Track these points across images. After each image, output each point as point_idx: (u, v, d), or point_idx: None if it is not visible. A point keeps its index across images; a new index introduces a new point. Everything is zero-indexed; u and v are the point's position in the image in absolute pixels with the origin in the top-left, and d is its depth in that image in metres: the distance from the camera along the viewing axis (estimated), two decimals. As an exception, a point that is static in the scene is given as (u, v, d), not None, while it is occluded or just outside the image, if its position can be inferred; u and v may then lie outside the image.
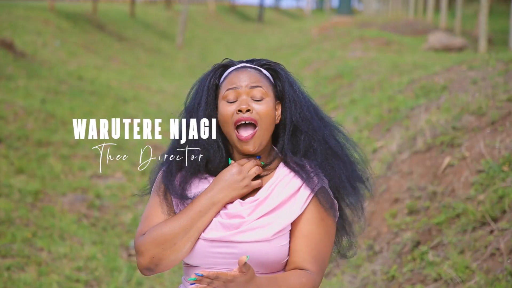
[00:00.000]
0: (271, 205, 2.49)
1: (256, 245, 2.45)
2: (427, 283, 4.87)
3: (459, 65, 8.79)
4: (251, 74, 2.54)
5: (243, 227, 2.46)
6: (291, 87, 2.61)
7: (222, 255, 2.47)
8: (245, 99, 2.49)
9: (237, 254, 2.45)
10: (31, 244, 6.03)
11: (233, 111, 2.48)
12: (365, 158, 2.72)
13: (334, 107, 10.66)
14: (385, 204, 6.11)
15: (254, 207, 2.49)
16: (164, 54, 20.01)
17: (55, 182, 7.47)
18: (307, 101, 2.63)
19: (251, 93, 2.51)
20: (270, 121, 2.52)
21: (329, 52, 16.91)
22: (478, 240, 4.88)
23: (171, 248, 2.45)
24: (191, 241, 2.45)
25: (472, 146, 5.83)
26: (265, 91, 2.52)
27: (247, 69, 2.56)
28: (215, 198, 2.46)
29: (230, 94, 2.50)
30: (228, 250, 2.46)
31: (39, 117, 9.21)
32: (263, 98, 2.51)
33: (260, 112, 2.49)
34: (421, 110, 7.45)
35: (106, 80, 13.69)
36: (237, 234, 2.46)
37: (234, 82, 2.51)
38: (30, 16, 16.48)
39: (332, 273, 5.74)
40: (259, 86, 2.52)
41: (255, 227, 2.46)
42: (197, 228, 2.45)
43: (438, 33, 16.75)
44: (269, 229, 2.45)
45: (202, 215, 2.45)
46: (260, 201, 2.49)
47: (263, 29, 33.63)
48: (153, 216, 2.54)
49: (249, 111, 2.48)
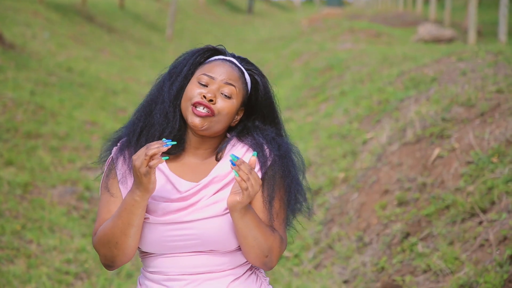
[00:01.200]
0: (224, 181, 2.52)
1: (209, 221, 2.47)
2: (416, 274, 4.88)
3: (448, 56, 8.80)
4: (232, 71, 2.56)
5: (196, 206, 2.49)
6: (265, 102, 2.63)
7: (180, 237, 2.48)
8: (213, 89, 2.51)
9: (194, 235, 2.47)
10: (21, 237, 6.01)
11: (198, 93, 2.51)
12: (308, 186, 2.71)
13: (324, 99, 10.66)
14: (375, 195, 6.12)
15: (207, 184, 2.51)
16: (153, 46, 19.96)
17: (45, 174, 7.45)
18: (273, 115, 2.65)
19: (222, 87, 2.53)
20: (227, 120, 2.55)
21: (319, 44, 16.91)
22: (467, 231, 4.90)
23: (116, 247, 2.47)
24: (131, 237, 2.46)
25: (461, 137, 5.84)
26: (236, 92, 2.54)
27: (232, 65, 2.58)
28: (135, 194, 2.42)
29: (203, 79, 2.53)
30: (185, 232, 2.48)
31: (28, 108, 9.17)
32: (231, 97, 2.54)
33: (220, 108, 2.51)
34: (410, 102, 7.46)
35: (96, 72, 13.65)
36: (190, 214, 2.48)
37: (212, 71, 2.54)
38: (19, 8, 16.40)
39: (322, 265, 5.76)
40: (232, 85, 2.54)
41: (208, 204, 2.49)
42: (131, 225, 2.44)
43: (427, 24, 16.76)
44: (221, 205, 2.49)
45: (129, 212, 2.43)
46: (212, 179, 2.52)
47: (253, 21, 33.59)
48: (102, 212, 2.55)
49: (211, 101, 2.50)
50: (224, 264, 2.54)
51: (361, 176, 6.65)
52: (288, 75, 14.42)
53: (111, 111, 10.91)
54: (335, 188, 6.89)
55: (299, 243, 6.11)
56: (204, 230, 2.47)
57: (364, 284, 5.17)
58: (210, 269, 2.52)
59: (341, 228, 6.08)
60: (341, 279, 5.40)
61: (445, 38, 15.64)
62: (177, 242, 2.49)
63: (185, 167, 2.57)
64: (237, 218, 2.42)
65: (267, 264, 2.52)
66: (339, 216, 6.30)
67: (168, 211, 2.49)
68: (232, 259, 2.54)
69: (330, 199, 6.70)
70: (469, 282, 4.45)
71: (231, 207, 2.41)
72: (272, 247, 2.49)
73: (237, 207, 2.40)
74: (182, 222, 2.48)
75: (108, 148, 2.66)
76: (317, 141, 8.43)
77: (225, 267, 2.54)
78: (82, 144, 8.69)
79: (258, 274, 2.64)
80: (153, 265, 2.56)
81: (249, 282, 2.58)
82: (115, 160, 2.58)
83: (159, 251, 2.52)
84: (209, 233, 2.47)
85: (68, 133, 8.84)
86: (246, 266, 2.60)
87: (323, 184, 7.02)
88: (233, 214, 2.42)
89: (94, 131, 9.42)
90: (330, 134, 8.40)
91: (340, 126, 8.54)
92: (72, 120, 9.47)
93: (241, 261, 2.57)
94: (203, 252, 2.51)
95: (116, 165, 2.57)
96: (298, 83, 12.97)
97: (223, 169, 2.53)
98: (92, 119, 9.91)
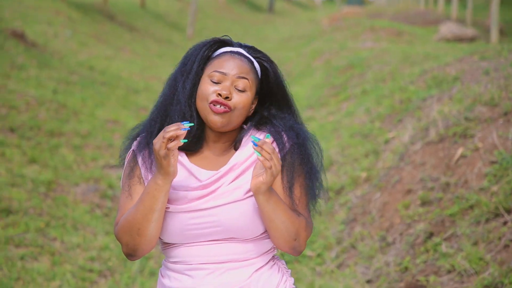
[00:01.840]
0: (242, 167, 2.53)
1: (229, 207, 2.48)
2: (440, 274, 4.87)
3: (471, 55, 8.76)
4: (242, 64, 2.57)
5: (216, 192, 2.50)
6: (277, 87, 2.65)
7: (201, 225, 2.49)
8: (228, 86, 2.53)
9: (215, 222, 2.48)
10: (44, 234, 6.05)
11: (213, 91, 2.52)
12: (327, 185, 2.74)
13: (346, 97, 10.64)
14: (398, 195, 6.10)
15: (226, 172, 2.52)
16: (174, 45, 20.00)
17: (68, 172, 7.49)
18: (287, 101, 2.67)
19: (236, 82, 2.54)
20: (244, 112, 2.56)
21: (340, 43, 16.88)
22: (492, 231, 4.87)
23: (138, 233, 2.48)
24: (153, 222, 2.47)
25: (485, 137, 5.82)
26: (249, 85, 2.56)
27: (241, 57, 2.59)
28: (157, 178, 2.44)
29: (215, 76, 2.54)
30: (206, 219, 2.49)
31: (50, 107, 9.22)
32: (245, 90, 2.55)
33: (236, 102, 2.53)
34: (433, 101, 7.43)
35: (117, 71, 13.70)
36: (210, 200, 2.49)
37: (223, 66, 2.55)
38: (40, 6, 16.49)
39: (345, 264, 5.75)
40: (245, 78, 2.55)
41: (228, 190, 2.50)
42: (153, 209, 2.46)
43: (449, 23, 16.70)
44: (241, 190, 2.50)
45: (151, 196, 2.45)
46: (232, 167, 2.53)
47: (274, 19, 33.58)
48: (124, 203, 2.57)
49: (227, 98, 2.52)
50: (247, 252, 2.53)
51: (383, 176, 6.63)
52: (309, 74, 14.41)
53: (133, 109, 10.95)
54: (357, 187, 6.88)
55: (321, 243, 6.11)
56: (224, 216, 2.48)
57: (388, 284, 5.16)
58: (232, 258, 2.52)
59: (364, 228, 6.07)
60: (364, 279, 5.39)
61: (467, 37, 15.56)
62: (199, 230, 2.50)
63: (205, 159, 2.59)
64: (262, 200, 2.42)
65: (296, 248, 2.52)
66: (361, 215, 6.29)
67: (188, 199, 2.50)
68: (255, 247, 2.54)
69: (352, 198, 6.69)
70: (494, 282, 4.43)
71: (255, 190, 2.41)
72: (299, 230, 2.49)
73: (261, 188, 2.40)
74: (202, 209, 2.49)
75: (127, 146, 2.68)
76: (339, 140, 8.42)
77: (248, 255, 2.53)
78: (104, 142, 8.73)
79: (280, 266, 2.64)
80: (174, 255, 2.56)
81: (272, 272, 2.58)
82: (136, 155, 2.60)
83: (181, 240, 2.53)
84: (230, 219, 2.48)
85: (90, 132, 8.88)
86: (269, 255, 2.60)
87: (345, 183, 7.01)
88: (258, 197, 2.42)
89: (116, 129, 9.45)
90: (352, 133, 8.39)
91: (362, 125, 8.52)
92: (94, 119, 9.52)
93: (264, 249, 2.57)
94: (225, 239, 2.51)
95: (137, 159, 2.59)
96: (319, 82, 12.95)
97: (242, 156, 2.55)
98: (113, 117, 9.95)
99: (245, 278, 2.53)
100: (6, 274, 5.30)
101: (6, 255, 5.54)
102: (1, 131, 7.94)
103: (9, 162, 7.26)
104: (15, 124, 8.20)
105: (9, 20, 13.84)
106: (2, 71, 10.01)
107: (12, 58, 10.84)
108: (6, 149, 7.50)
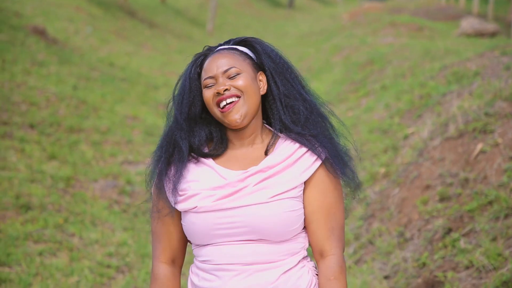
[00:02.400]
0: (271, 171, 2.52)
1: (254, 208, 2.47)
2: (458, 270, 4.84)
3: (491, 50, 8.70)
4: (222, 57, 2.59)
5: (241, 192, 2.49)
6: (269, 58, 2.65)
7: (226, 225, 2.49)
8: (220, 82, 2.55)
9: (240, 222, 2.48)
10: (63, 230, 6.07)
11: (213, 94, 2.55)
12: (348, 131, 2.76)
13: (365, 93, 10.60)
14: (417, 190, 6.07)
15: (254, 173, 2.52)
16: (194, 41, 20.02)
17: (87, 168, 7.52)
18: (290, 72, 2.66)
19: (226, 74, 2.57)
20: (253, 90, 2.57)
21: (360, 38, 16.82)
22: (511, 227, 4.84)
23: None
24: None
25: (505, 132, 5.77)
26: (238, 69, 2.57)
27: (221, 53, 2.61)
28: None
29: (207, 82, 2.58)
30: (231, 219, 2.48)
31: (70, 103, 9.26)
32: (238, 73, 2.56)
33: (238, 85, 2.55)
34: (453, 96, 7.38)
35: (137, 67, 13.73)
36: (235, 200, 2.49)
37: (210, 70, 2.58)
38: (62, 3, 16.56)
39: (363, 260, 5.73)
40: (232, 67, 2.57)
41: (253, 191, 2.49)
42: None
43: (470, 18, 16.60)
44: (267, 192, 2.48)
45: None
46: (261, 169, 2.52)
47: (294, 15, 33.52)
48: (161, 236, 2.63)
49: (227, 90, 2.54)
50: (275, 254, 2.51)
51: (402, 171, 6.60)
52: (329, 69, 14.37)
53: (152, 105, 10.98)
54: (375, 183, 6.85)
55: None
56: (250, 217, 2.47)
57: (405, 279, 5.14)
58: (260, 259, 2.49)
59: (382, 224, 6.04)
60: (381, 275, 5.37)
61: (488, 32, 15.46)
62: (225, 230, 2.49)
63: (232, 159, 2.59)
64: None
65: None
66: (379, 211, 6.26)
67: (214, 198, 2.50)
68: (284, 249, 2.52)
69: (370, 194, 6.66)
70: (512, 279, 4.40)
71: None
72: None
73: None
74: (227, 209, 2.48)
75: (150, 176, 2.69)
76: (358, 136, 8.39)
77: (276, 257, 2.51)
78: (123, 138, 8.75)
79: (310, 268, 2.59)
80: (202, 254, 2.56)
81: (301, 274, 2.55)
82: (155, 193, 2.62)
83: (208, 240, 2.52)
84: (255, 220, 2.47)
85: (109, 128, 8.91)
86: (299, 256, 2.56)
87: (364, 179, 6.99)
88: None
89: (135, 125, 9.48)
90: (371, 129, 8.36)
91: (381, 121, 8.49)
92: (113, 115, 9.55)
93: (294, 251, 2.54)
94: (252, 240, 2.49)
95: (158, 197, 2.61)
96: (339, 77, 12.91)
97: (273, 160, 2.53)
98: (133, 113, 9.98)
99: (272, 280, 2.50)
100: (25, 269, 5.33)
101: (25, 251, 5.57)
102: (21, 128, 7.98)
103: (28, 158, 7.30)
104: (35, 121, 8.24)
105: (30, 16, 13.91)
106: (23, 67, 10.06)
107: (33, 54, 10.90)
108: (26, 145, 7.54)
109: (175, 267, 2.64)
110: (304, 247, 2.58)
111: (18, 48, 10.85)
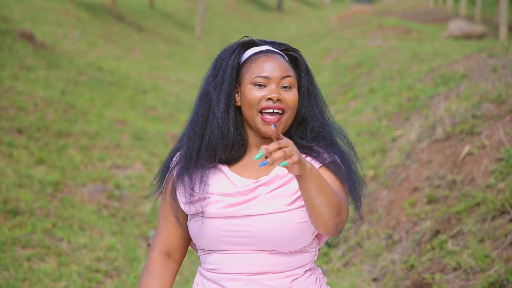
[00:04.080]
0: (284, 179, 2.48)
1: (265, 218, 2.44)
2: (446, 272, 4.85)
3: (479, 53, 8.73)
4: (281, 63, 2.53)
5: (253, 201, 2.46)
6: (307, 76, 2.61)
7: (235, 233, 2.45)
8: (274, 88, 2.49)
9: (250, 232, 2.44)
10: (51, 235, 6.06)
11: (262, 97, 2.49)
12: (363, 174, 2.72)
13: (353, 96, 10.62)
14: (404, 193, 6.09)
15: (267, 182, 2.48)
16: (183, 44, 20.01)
17: (75, 173, 7.51)
18: (318, 93, 2.64)
19: (281, 82, 2.51)
20: (295, 111, 2.53)
21: (348, 41, 16.85)
22: (498, 228, 4.86)
23: None
24: None
25: (491, 134, 5.80)
26: (293, 81, 2.53)
27: (276, 56, 2.54)
28: None
29: (258, 81, 2.50)
30: (240, 228, 2.45)
31: (59, 108, 9.24)
32: (291, 87, 2.52)
33: (288, 100, 2.50)
34: (440, 99, 7.41)
35: (126, 71, 13.71)
36: (246, 208, 2.45)
37: (265, 69, 2.50)
38: (49, 7, 16.53)
39: (351, 263, 5.74)
40: (289, 76, 2.52)
41: (265, 199, 2.45)
42: None
43: (458, 20, 16.65)
44: (279, 201, 2.44)
45: None
46: (273, 178, 2.48)
47: (283, 18, 33.55)
48: (161, 229, 2.61)
49: (279, 100, 2.48)
50: (284, 264, 2.48)
51: (390, 174, 6.62)
52: (318, 72, 14.40)
53: (141, 109, 10.96)
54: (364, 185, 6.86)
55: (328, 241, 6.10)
56: (259, 227, 2.43)
57: (394, 282, 5.15)
58: (268, 269, 2.46)
59: (370, 226, 6.06)
60: (370, 277, 5.38)
61: (475, 34, 15.52)
62: (233, 238, 2.46)
63: (246, 166, 2.54)
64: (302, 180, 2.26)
65: (339, 226, 2.36)
66: (368, 213, 6.28)
67: (224, 205, 2.47)
68: (293, 260, 2.49)
69: (359, 196, 6.67)
70: (500, 280, 4.42)
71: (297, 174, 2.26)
72: (341, 204, 2.35)
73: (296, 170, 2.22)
74: (237, 217, 2.45)
75: (163, 172, 2.64)
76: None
77: (285, 267, 2.48)
78: (112, 142, 8.74)
79: (318, 276, 2.58)
80: (209, 261, 2.52)
81: (309, 282, 2.53)
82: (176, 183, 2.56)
83: (216, 247, 2.49)
84: (265, 231, 2.43)
85: (98, 132, 8.89)
86: (306, 267, 2.54)
87: (352, 182, 6.99)
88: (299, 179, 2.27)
89: (123, 129, 9.46)
90: (359, 131, 8.38)
91: (369, 123, 8.51)
92: (102, 119, 9.53)
93: (302, 262, 2.51)
94: (261, 250, 2.46)
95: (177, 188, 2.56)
96: (328, 80, 12.93)
97: (282, 170, 2.49)
98: (122, 117, 9.97)
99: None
100: (13, 274, 5.32)
101: (13, 256, 5.56)
102: (9, 132, 7.96)
103: (16, 163, 7.28)
104: (23, 125, 8.22)
105: (18, 21, 13.87)
106: (11, 72, 10.04)
107: (21, 59, 10.87)
108: (14, 150, 7.52)
109: (169, 260, 2.61)
110: (313, 259, 2.55)
111: (5, 53, 10.83)
